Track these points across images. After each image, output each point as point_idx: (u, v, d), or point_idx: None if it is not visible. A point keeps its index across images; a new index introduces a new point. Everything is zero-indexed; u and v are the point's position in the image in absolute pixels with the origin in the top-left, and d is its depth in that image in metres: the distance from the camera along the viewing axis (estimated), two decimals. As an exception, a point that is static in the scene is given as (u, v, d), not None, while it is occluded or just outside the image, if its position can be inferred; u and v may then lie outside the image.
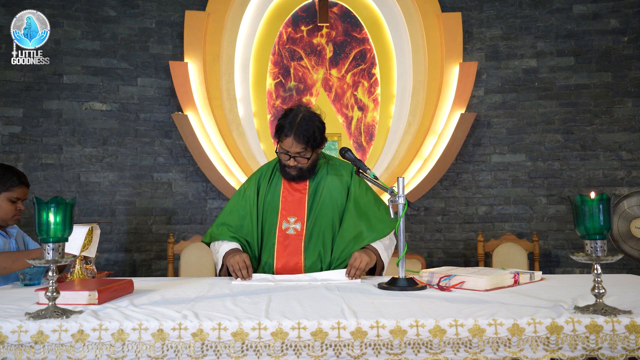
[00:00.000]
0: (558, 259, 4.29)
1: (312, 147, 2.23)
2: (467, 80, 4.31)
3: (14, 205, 2.52)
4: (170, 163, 4.28)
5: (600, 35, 4.29)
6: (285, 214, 2.32)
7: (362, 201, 2.34)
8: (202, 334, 1.30)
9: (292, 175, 2.30)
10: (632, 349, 1.29)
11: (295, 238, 2.29)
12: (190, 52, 4.25)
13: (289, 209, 2.32)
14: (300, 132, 2.18)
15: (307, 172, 2.30)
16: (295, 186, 2.35)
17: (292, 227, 2.30)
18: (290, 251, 2.29)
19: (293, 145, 2.19)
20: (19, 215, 2.55)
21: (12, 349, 1.28)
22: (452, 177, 4.38)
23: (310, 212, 2.31)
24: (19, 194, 2.51)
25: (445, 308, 1.45)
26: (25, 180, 2.56)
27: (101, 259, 4.07)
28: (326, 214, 2.30)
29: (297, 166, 2.26)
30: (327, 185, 2.34)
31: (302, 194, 2.33)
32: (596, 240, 1.40)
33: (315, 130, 2.21)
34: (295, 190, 2.34)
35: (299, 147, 2.20)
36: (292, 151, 2.21)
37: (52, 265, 1.40)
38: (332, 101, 4.48)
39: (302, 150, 2.21)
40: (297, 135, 2.18)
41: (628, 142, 4.24)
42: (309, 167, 2.29)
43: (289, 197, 2.34)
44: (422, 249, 4.35)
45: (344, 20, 4.52)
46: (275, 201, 2.34)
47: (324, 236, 2.29)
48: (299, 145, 2.19)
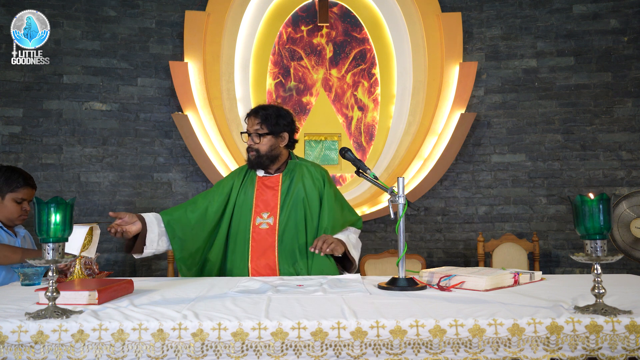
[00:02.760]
0: (558, 259, 4.29)
1: (268, 127, 2.38)
2: (467, 80, 4.31)
3: (20, 205, 2.56)
4: (170, 163, 4.28)
5: (600, 35, 4.29)
6: (259, 210, 2.40)
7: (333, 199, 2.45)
8: (202, 334, 1.30)
9: (251, 159, 2.42)
10: (632, 349, 1.29)
11: (268, 232, 2.36)
12: (190, 52, 4.25)
13: (262, 205, 2.40)
14: (258, 109, 2.43)
15: (265, 159, 2.41)
16: (268, 183, 2.44)
17: (265, 222, 2.37)
18: (264, 246, 2.34)
19: (250, 123, 2.41)
20: (25, 216, 2.60)
21: (12, 349, 1.28)
22: (452, 177, 4.38)
23: (283, 207, 2.38)
24: (24, 195, 2.55)
25: (445, 308, 1.45)
26: (31, 182, 2.61)
27: (101, 259, 4.07)
28: (299, 209, 2.38)
29: (254, 147, 2.39)
30: (301, 183, 2.43)
31: (275, 190, 2.42)
32: (596, 240, 1.40)
33: (273, 112, 2.41)
34: (268, 187, 2.43)
35: (254, 123, 2.39)
36: (251, 129, 2.40)
37: (52, 265, 1.40)
38: (332, 101, 4.48)
39: (258, 127, 2.38)
40: (255, 112, 2.42)
41: (628, 142, 4.24)
42: (266, 153, 2.40)
43: (262, 194, 2.42)
44: (422, 249, 4.35)
45: (344, 20, 4.52)
46: (248, 200, 2.42)
47: (297, 231, 2.35)
48: (255, 120, 2.39)
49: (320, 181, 2.45)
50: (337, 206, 2.44)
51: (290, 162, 2.49)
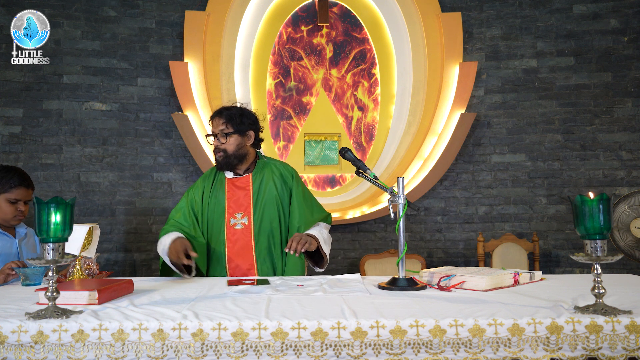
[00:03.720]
0: (558, 259, 4.29)
1: (233, 126, 2.39)
2: (467, 80, 4.31)
3: (14, 206, 2.51)
4: (170, 163, 4.28)
5: (600, 35, 4.29)
6: (232, 211, 2.41)
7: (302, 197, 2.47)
8: (202, 334, 1.30)
9: (219, 161, 2.42)
10: (632, 349, 1.29)
11: (243, 232, 2.37)
12: (190, 52, 4.25)
13: (234, 206, 2.41)
14: (221, 110, 2.43)
15: (233, 159, 2.41)
16: (238, 184, 2.45)
17: (240, 222, 2.38)
18: (241, 245, 2.36)
19: (215, 124, 2.41)
20: (21, 216, 2.55)
21: (12, 349, 1.28)
22: (452, 177, 4.38)
23: (255, 206, 2.40)
24: (17, 195, 2.50)
25: (445, 308, 1.45)
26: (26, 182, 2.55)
27: (101, 259, 4.07)
28: (272, 207, 2.40)
29: (221, 147, 2.39)
30: (271, 182, 2.44)
31: (247, 190, 2.43)
32: (596, 240, 1.40)
33: (237, 111, 2.42)
34: (239, 188, 2.44)
35: (219, 124, 2.39)
36: (216, 130, 2.40)
37: (52, 265, 1.40)
38: (332, 101, 4.48)
39: (224, 127, 2.39)
40: (218, 112, 2.43)
41: (628, 142, 4.24)
42: (234, 153, 2.40)
43: (233, 195, 2.43)
44: (422, 249, 4.35)
45: (344, 20, 4.52)
46: (220, 202, 2.43)
47: (271, 228, 2.38)
48: (219, 120, 2.40)
49: (290, 179, 2.48)
50: (307, 204, 2.46)
51: (259, 161, 2.51)
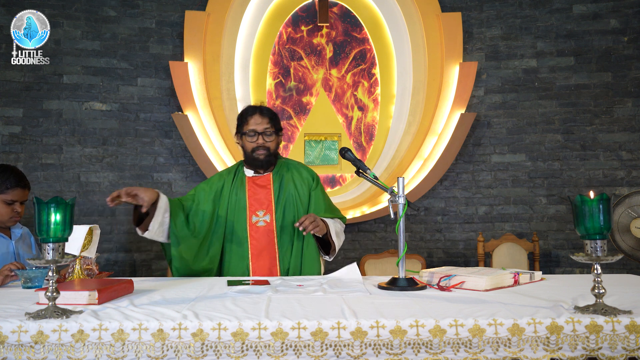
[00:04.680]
0: (558, 259, 4.29)
1: (274, 125, 2.41)
2: (467, 80, 4.31)
3: (10, 207, 2.48)
4: (170, 163, 4.28)
5: (600, 35, 4.29)
6: (253, 208, 2.41)
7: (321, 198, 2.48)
8: (202, 334, 1.30)
9: (262, 159, 2.40)
10: (632, 349, 1.29)
11: (266, 230, 2.38)
12: (190, 52, 4.25)
13: (256, 203, 2.41)
14: (264, 109, 2.42)
15: (273, 157, 2.44)
16: (259, 182, 2.45)
17: (262, 220, 2.39)
18: (264, 244, 2.36)
19: (260, 122, 2.38)
20: (17, 217, 2.52)
21: (12, 349, 1.28)
22: (452, 177, 4.38)
23: (277, 204, 2.41)
24: (13, 196, 2.48)
25: (445, 308, 1.45)
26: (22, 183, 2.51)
27: (101, 259, 4.07)
28: (292, 206, 2.41)
29: (265, 145, 2.39)
30: (291, 182, 2.45)
31: (268, 189, 2.43)
32: (596, 240, 1.40)
33: (274, 112, 2.45)
34: (260, 186, 2.44)
35: (265, 122, 2.38)
36: (260, 128, 2.38)
37: (52, 265, 1.40)
38: (332, 101, 4.48)
39: (268, 126, 2.38)
40: (261, 111, 2.40)
41: (628, 142, 4.24)
42: (274, 151, 2.44)
43: (254, 193, 2.43)
44: (422, 249, 4.35)
45: (344, 20, 4.52)
46: (240, 199, 2.42)
47: (293, 228, 2.38)
48: (264, 119, 2.39)
49: (310, 181, 2.48)
50: (325, 205, 2.47)
51: (279, 161, 2.52)
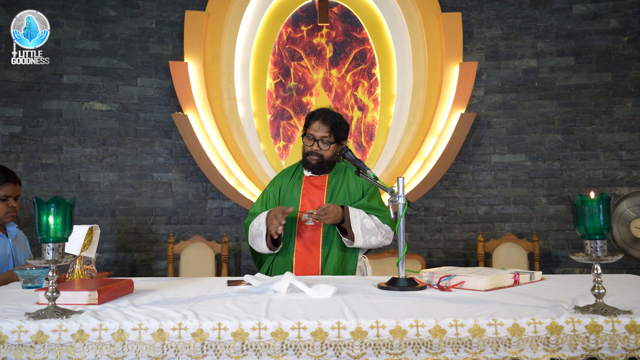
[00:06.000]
0: (558, 259, 4.29)
1: (335, 135, 2.40)
2: (467, 80, 4.31)
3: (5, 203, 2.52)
4: (170, 163, 4.28)
5: (600, 35, 4.29)
6: (305, 207, 2.44)
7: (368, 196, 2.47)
8: (202, 334, 1.30)
9: (312, 164, 2.44)
10: (632, 349, 1.29)
11: (313, 229, 2.41)
12: (190, 52, 4.25)
13: (308, 202, 2.45)
14: (328, 117, 2.40)
15: (326, 164, 2.45)
16: (315, 183, 2.48)
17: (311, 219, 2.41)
18: (310, 242, 2.40)
19: (319, 129, 2.39)
20: (13, 213, 2.55)
21: (12, 349, 1.28)
22: (452, 177, 4.38)
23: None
24: (6, 191, 2.51)
25: (445, 308, 1.45)
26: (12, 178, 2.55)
27: (101, 259, 4.07)
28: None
29: (319, 152, 2.41)
30: (346, 184, 2.47)
31: (322, 190, 2.46)
32: (596, 240, 1.39)
33: (341, 121, 2.42)
34: (315, 186, 2.48)
35: (324, 131, 2.38)
36: (318, 135, 2.39)
37: (52, 265, 1.40)
38: (332, 101, 4.48)
39: (327, 135, 2.39)
40: (324, 118, 2.40)
41: (628, 142, 4.24)
42: (328, 159, 2.44)
43: (308, 192, 2.47)
44: (422, 249, 4.35)
45: (344, 20, 4.52)
46: (294, 197, 2.47)
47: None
48: (325, 127, 2.38)
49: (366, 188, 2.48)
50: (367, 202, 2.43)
51: (338, 164, 2.55)
